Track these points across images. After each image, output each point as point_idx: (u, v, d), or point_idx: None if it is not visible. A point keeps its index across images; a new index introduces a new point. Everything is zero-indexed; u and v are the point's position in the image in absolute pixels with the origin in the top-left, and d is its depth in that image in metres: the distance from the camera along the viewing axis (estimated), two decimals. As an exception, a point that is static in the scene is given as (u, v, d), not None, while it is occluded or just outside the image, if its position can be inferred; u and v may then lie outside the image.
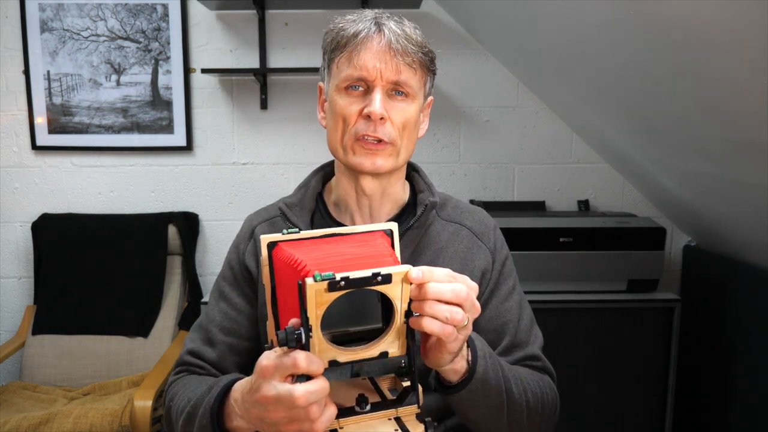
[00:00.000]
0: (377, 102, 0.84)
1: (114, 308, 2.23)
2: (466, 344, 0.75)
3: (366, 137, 0.85)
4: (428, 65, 0.89)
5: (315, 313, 0.60)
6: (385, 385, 0.70)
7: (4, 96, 2.39)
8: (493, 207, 2.27)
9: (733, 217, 1.80)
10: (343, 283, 0.58)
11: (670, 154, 1.77)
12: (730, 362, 1.98)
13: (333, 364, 0.63)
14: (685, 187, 1.93)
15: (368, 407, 0.65)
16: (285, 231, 0.70)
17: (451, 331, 0.65)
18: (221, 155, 2.43)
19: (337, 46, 0.87)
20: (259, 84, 2.37)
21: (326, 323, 0.62)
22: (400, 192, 0.97)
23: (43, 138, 2.40)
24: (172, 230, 2.33)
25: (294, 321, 0.62)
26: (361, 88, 0.86)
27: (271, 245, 0.70)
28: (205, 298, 2.18)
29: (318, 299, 0.60)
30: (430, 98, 0.96)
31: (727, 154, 1.48)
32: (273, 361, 0.63)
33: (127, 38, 2.36)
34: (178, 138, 2.40)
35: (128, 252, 2.28)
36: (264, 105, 2.39)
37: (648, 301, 2.01)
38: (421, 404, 0.66)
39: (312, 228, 0.94)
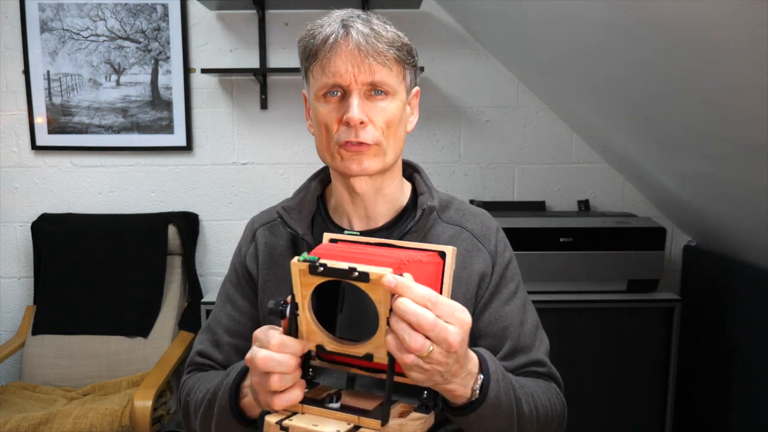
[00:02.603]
0: (354, 108, 0.83)
1: (114, 308, 2.23)
2: (478, 365, 0.72)
3: (349, 143, 0.85)
4: (404, 59, 0.88)
5: (300, 293, 0.64)
6: (399, 408, 0.69)
7: (4, 96, 2.39)
8: (493, 207, 2.27)
9: (733, 217, 1.80)
10: (321, 269, 0.61)
11: (670, 154, 1.77)
12: (730, 362, 1.98)
13: (320, 349, 0.66)
14: (685, 187, 1.93)
15: (336, 405, 0.67)
16: (346, 231, 0.75)
17: (412, 359, 0.61)
18: (221, 155, 2.43)
19: (309, 55, 0.86)
20: (259, 84, 2.37)
21: (348, 326, 0.65)
22: (398, 193, 0.95)
23: (43, 138, 2.40)
24: (172, 230, 2.33)
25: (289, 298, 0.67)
26: (338, 94, 0.85)
27: (333, 240, 0.75)
28: (205, 298, 2.18)
29: (302, 279, 0.63)
30: (416, 89, 0.94)
31: (727, 154, 1.48)
32: (260, 331, 0.69)
33: (127, 38, 2.36)
34: (178, 138, 2.40)
35: (128, 252, 2.28)
36: (264, 105, 2.39)
37: (648, 301, 2.01)
38: (386, 423, 0.64)
39: (311, 231, 0.95)
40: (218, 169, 2.44)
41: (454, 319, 0.62)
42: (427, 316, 0.59)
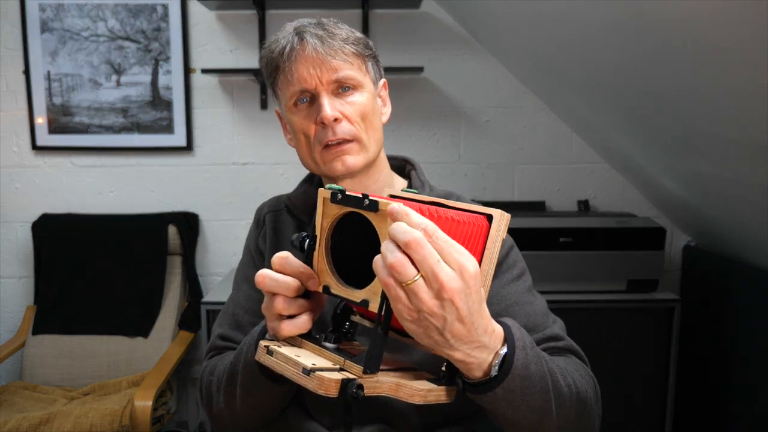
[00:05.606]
0: (325, 106, 0.85)
1: (114, 308, 2.23)
2: (502, 340, 0.63)
3: (329, 143, 0.87)
4: (362, 52, 0.90)
5: (321, 224, 0.65)
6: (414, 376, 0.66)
7: (4, 96, 2.39)
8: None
9: (733, 217, 1.80)
10: (340, 196, 0.62)
11: (670, 154, 1.77)
12: (729, 362, 1.98)
13: (325, 290, 0.66)
14: (685, 187, 1.93)
15: (331, 345, 0.66)
16: (404, 189, 0.75)
17: (393, 283, 0.54)
18: (221, 155, 2.43)
19: (272, 70, 0.89)
20: (258, 84, 2.37)
21: (358, 272, 0.63)
22: (386, 189, 0.94)
23: (43, 138, 2.40)
24: (172, 230, 2.33)
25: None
26: (307, 100, 0.88)
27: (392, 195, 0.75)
28: (205, 298, 2.18)
29: (325, 209, 0.65)
30: (383, 81, 0.96)
31: (727, 154, 1.48)
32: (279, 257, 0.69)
33: (127, 38, 2.36)
34: (178, 138, 2.40)
35: (128, 252, 2.28)
36: (264, 105, 2.39)
37: (648, 301, 2.01)
38: (369, 371, 0.59)
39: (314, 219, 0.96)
40: (218, 169, 2.44)
41: (452, 260, 0.54)
42: (416, 236, 0.53)
